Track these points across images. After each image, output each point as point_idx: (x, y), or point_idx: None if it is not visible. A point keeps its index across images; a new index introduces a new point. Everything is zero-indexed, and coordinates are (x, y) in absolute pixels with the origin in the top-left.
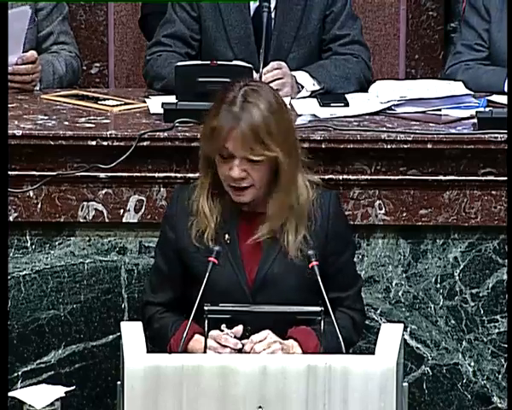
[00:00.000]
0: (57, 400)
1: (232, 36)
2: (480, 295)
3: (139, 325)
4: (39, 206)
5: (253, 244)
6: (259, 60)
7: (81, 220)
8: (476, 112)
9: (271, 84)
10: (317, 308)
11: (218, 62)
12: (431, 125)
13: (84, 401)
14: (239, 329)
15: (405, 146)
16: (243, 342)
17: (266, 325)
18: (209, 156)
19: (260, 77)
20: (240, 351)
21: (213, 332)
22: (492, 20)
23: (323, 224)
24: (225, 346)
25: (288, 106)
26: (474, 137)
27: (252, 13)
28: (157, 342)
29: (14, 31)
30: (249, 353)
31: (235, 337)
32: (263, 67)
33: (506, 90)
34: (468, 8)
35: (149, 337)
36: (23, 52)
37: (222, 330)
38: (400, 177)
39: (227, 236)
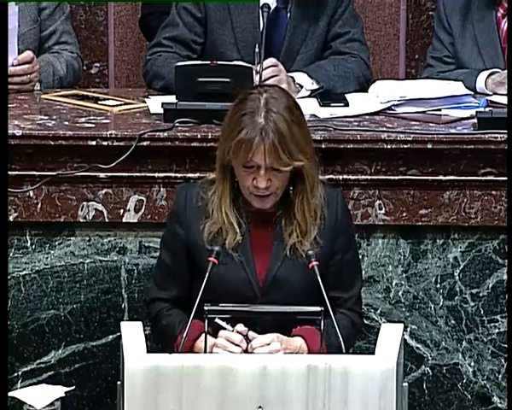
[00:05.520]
0: (57, 400)
1: (240, 38)
2: (480, 295)
3: (139, 325)
4: (39, 206)
5: (262, 244)
6: (260, 59)
7: (81, 220)
8: (476, 112)
9: (268, 82)
10: (317, 308)
11: (218, 62)
12: (431, 125)
13: (84, 401)
14: (244, 329)
15: (405, 146)
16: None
17: (272, 324)
18: (230, 166)
19: (261, 76)
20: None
21: (222, 332)
22: (454, 35)
23: (331, 222)
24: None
25: None
26: (474, 137)
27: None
28: (164, 340)
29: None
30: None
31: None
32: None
33: (478, 88)
34: (436, 21)
35: (156, 334)
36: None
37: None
38: (400, 177)
39: (238, 236)
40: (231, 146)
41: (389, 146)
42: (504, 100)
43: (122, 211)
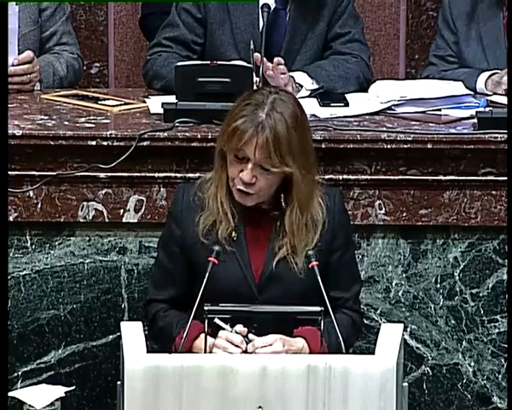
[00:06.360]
0: (57, 400)
1: (239, 39)
2: (480, 295)
3: (139, 325)
4: (39, 206)
5: (258, 241)
6: (261, 57)
7: (81, 220)
8: (476, 112)
9: (281, 76)
10: (317, 308)
11: (218, 62)
12: (431, 125)
13: (84, 401)
14: (244, 329)
15: (405, 146)
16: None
17: (272, 324)
18: (225, 153)
19: (263, 76)
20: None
21: (222, 333)
22: (460, 35)
23: (330, 221)
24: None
25: None
26: (474, 137)
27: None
28: (162, 341)
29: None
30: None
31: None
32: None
33: (478, 89)
34: (440, 19)
35: (154, 336)
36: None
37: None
38: (400, 177)
39: (233, 233)
40: (226, 131)
41: (389, 146)
42: (504, 100)
43: (122, 211)
